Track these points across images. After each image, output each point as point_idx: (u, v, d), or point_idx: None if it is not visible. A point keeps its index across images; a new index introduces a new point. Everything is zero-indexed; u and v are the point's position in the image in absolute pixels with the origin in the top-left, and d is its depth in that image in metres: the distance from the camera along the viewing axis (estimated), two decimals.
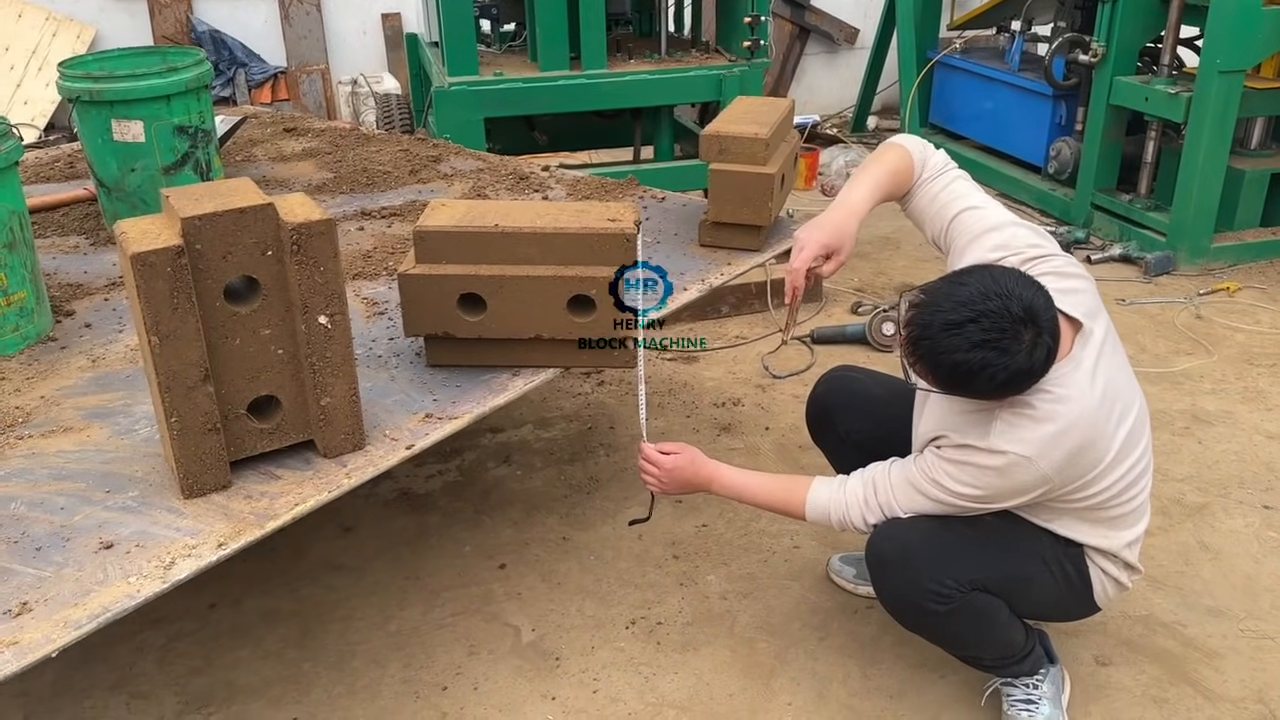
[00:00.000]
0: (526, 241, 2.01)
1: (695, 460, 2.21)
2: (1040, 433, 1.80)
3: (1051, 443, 1.80)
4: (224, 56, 6.13)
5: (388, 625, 2.51)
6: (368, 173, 3.29)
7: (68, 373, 2.11)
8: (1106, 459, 1.86)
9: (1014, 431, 1.82)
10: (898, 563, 1.98)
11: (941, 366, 1.75)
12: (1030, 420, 1.81)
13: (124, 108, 2.61)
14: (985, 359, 1.70)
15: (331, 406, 1.75)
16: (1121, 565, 2.03)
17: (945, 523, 1.97)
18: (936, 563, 1.94)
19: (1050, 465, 1.81)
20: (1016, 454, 1.81)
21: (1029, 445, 1.80)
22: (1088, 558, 2.01)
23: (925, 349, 1.75)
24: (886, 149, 2.18)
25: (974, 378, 1.72)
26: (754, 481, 2.21)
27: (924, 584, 1.93)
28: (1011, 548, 1.98)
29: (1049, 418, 1.80)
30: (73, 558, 1.56)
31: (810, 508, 2.10)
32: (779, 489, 2.17)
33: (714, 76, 4.20)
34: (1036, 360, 1.73)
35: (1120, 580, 2.04)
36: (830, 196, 5.69)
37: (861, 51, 7.04)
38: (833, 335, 3.95)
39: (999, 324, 1.69)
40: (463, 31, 4.00)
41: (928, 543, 1.95)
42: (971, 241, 2.02)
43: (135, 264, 1.52)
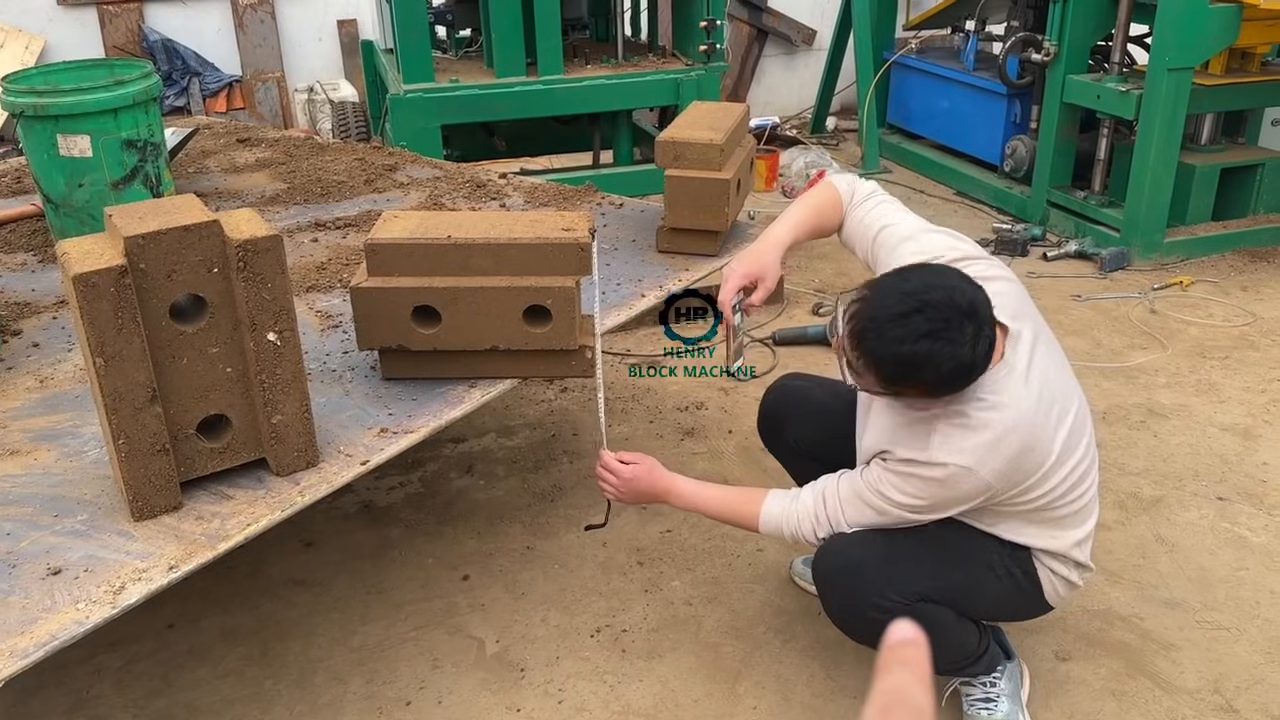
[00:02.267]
0: (480, 253, 2.00)
1: (653, 471, 2.20)
2: (978, 441, 1.81)
3: (990, 450, 1.81)
4: (177, 66, 6.06)
5: (350, 640, 2.48)
6: (322, 183, 3.26)
7: (14, 394, 2.07)
8: (1049, 461, 1.87)
9: (952, 442, 1.82)
10: (842, 578, 1.99)
11: (886, 360, 1.74)
12: (967, 430, 1.82)
13: (70, 122, 2.57)
14: (931, 349, 1.69)
15: (283, 424, 1.73)
16: (1071, 564, 2.05)
17: (889, 536, 1.98)
18: (880, 577, 1.94)
19: (991, 473, 1.82)
20: (957, 464, 1.82)
21: (968, 455, 1.81)
22: (1035, 559, 2.02)
23: (871, 341, 1.74)
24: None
25: (920, 369, 1.72)
26: (710, 494, 2.21)
27: (869, 598, 1.94)
28: (957, 556, 1.99)
29: (985, 425, 1.81)
30: (19, 585, 1.53)
31: (764, 521, 2.11)
32: (734, 502, 2.18)
33: (671, 80, 4.21)
34: (979, 354, 1.73)
35: (1070, 579, 2.06)
36: (791, 198, 5.71)
37: (819, 53, 7.08)
38: (794, 336, 3.97)
39: (944, 314, 1.69)
40: (417, 38, 3.98)
41: (871, 557, 1.96)
42: (891, 254, 2.05)
43: (78, 285, 1.49)
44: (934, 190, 5.75)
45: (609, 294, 2.47)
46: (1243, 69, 4.61)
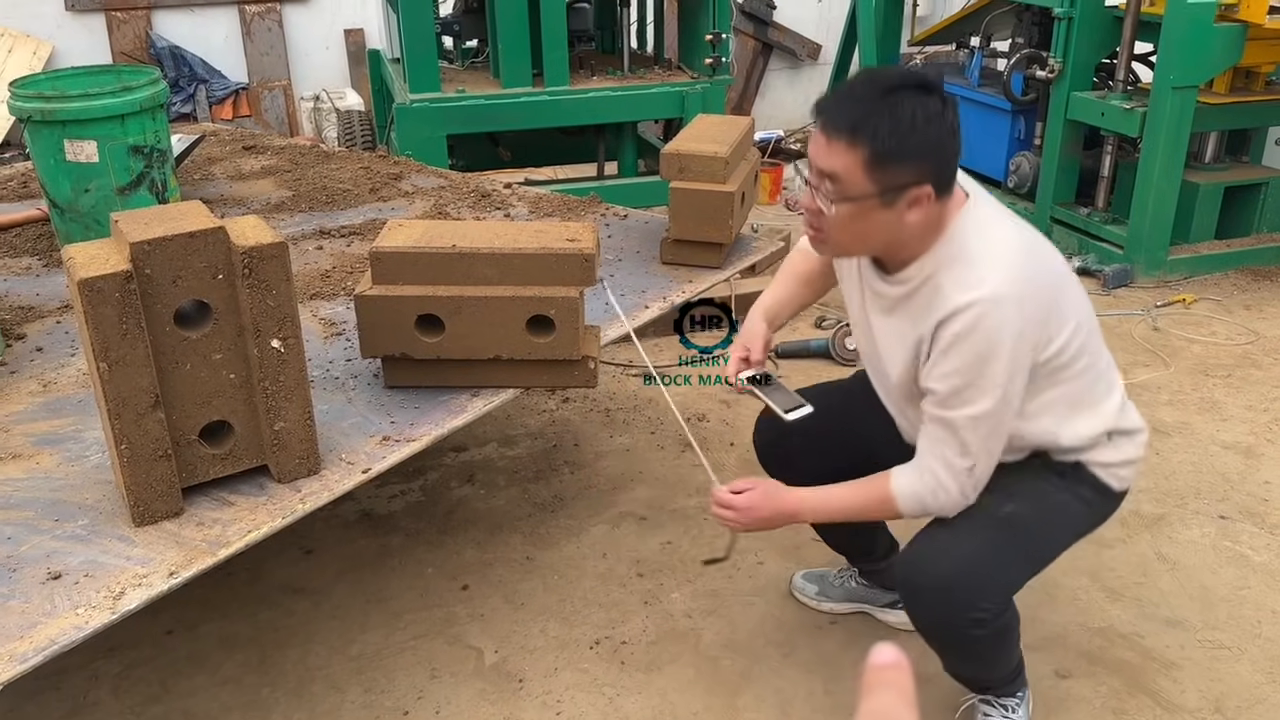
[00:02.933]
0: (484, 262, 2.01)
1: (772, 496, 2.01)
2: (986, 266, 1.72)
3: (1004, 269, 1.72)
4: (184, 73, 6.08)
5: (348, 649, 2.48)
6: (327, 190, 3.27)
7: (18, 398, 2.07)
8: (1064, 286, 1.83)
9: (963, 280, 1.72)
10: (933, 597, 1.91)
11: (844, 113, 1.66)
12: (970, 263, 1.73)
13: (77, 128, 2.58)
14: (905, 97, 1.63)
15: (285, 431, 1.73)
16: (1122, 439, 1.97)
17: (966, 535, 1.89)
18: (972, 588, 1.88)
19: (1017, 295, 1.71)
20: (979, 298, 1.69)
21: (986, 284, 1.70)
22: (1093, 470, 1.96)
23: (830, 106, 1.69)
24: (788, 256, 2.30)
25: (882, 115, 1.63)
26: (836, 496, 2.00)
27: (964, 615, 1.88)
28: (1027, 517, 1.92)
29: (985, 252, 1.73)
30: (19, 589, 1.52)
31: (904, 502, 1.90)
32: (863, 496, 1.96)
33: (676, 93, 4.22)
34: (949, 119, 1.67)
35: (1130, 457, 1.99)
36: (793, 211, 5.72)
37: (824, 67, 7.10)
38: (796, 350, 3.97)
39: (909, 77, 1.67)
40: (424, 48, 3.99)
41: (959, 569, 1.88)
42: None
43: (83, 290, 1.49)
44: None
45: (612, 305, 2.47)
46: (1247, 88, 4.62)
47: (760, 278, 4.39)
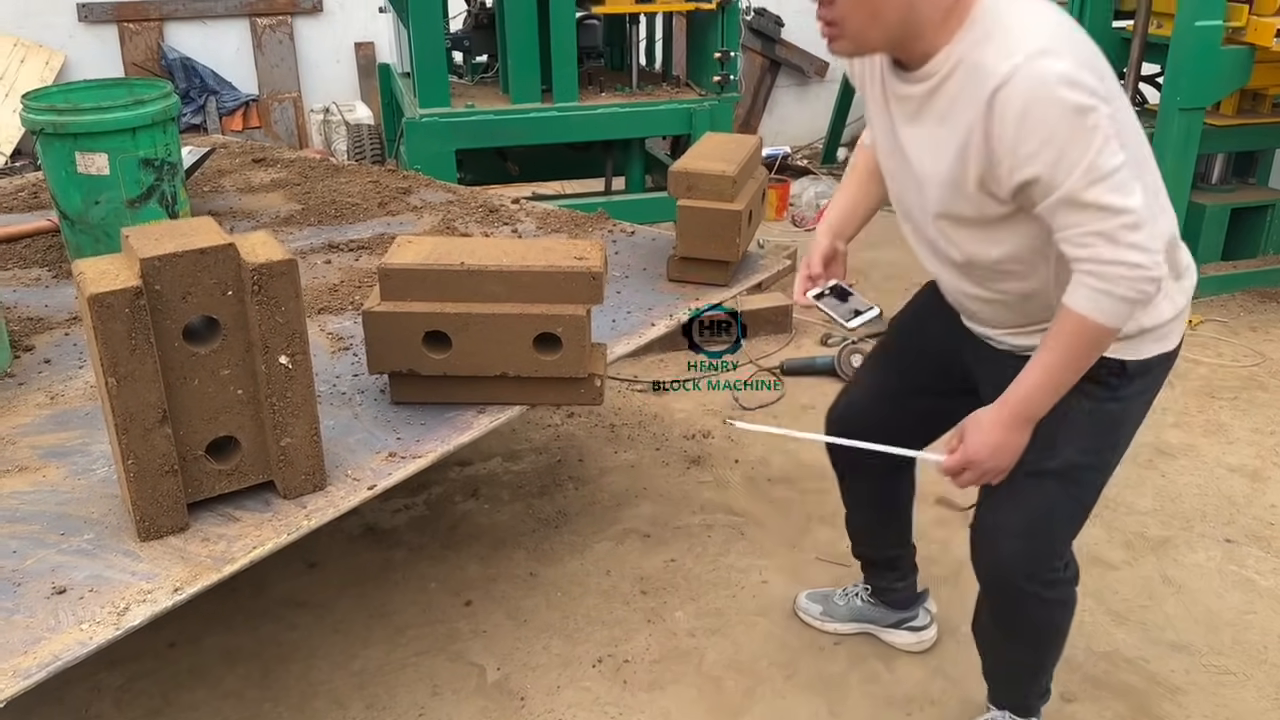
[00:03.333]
0: (492, 279, 2.01)
1: (985, 423, 1.77)
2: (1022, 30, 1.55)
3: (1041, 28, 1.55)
4: (195, 84, 6.11)
5: (351, 664, 2.48)
6: (336, 204, 3.28)
7: (25, 410, 2.08)
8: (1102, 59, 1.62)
9: (1000, 54, 1.54)
10: (1001, 587, 1.95)
11: None
12: (1002, 31, 1.56)
13: (88, 140, 2.60)
14: None
15: (292, 447, 1.73)
16: (1173, 283, 1.81)
17: (1034, 486, 1.84)
18: (1030, 561, 1.90)
19: (1065, 44, 1.54)
20: (1025, 55, 1.51)
21: (1027, 40, 1.53)
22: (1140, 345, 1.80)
23: None
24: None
25: None
26: (1042, 367, 1.71)
27: (1029, 593, 1.91)
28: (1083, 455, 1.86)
29: (1015, 25, 1.56)
30: (24, 603, 1.53)
31: (1096, 313, 1.62)
32: (1059, 346, 1.68)
33: (684, 110, 4.24)
34: None
35: (1178, 303, 1.83)
36: (800, 227, 5.73)
37: (831, 84, 7.12)
38: (802, 367, 3.97)
39: None
40: (434, 63, 4.01)
41: (1017, 546, 1.89)
42: None
43: (93, 305, 1.50)
44: None
45: (619, 322, 2.48)
46: (1254, 110, 4.63)
47: (767, 294, 4.39)
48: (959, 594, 2.73)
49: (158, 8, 6.04)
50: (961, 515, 3.06)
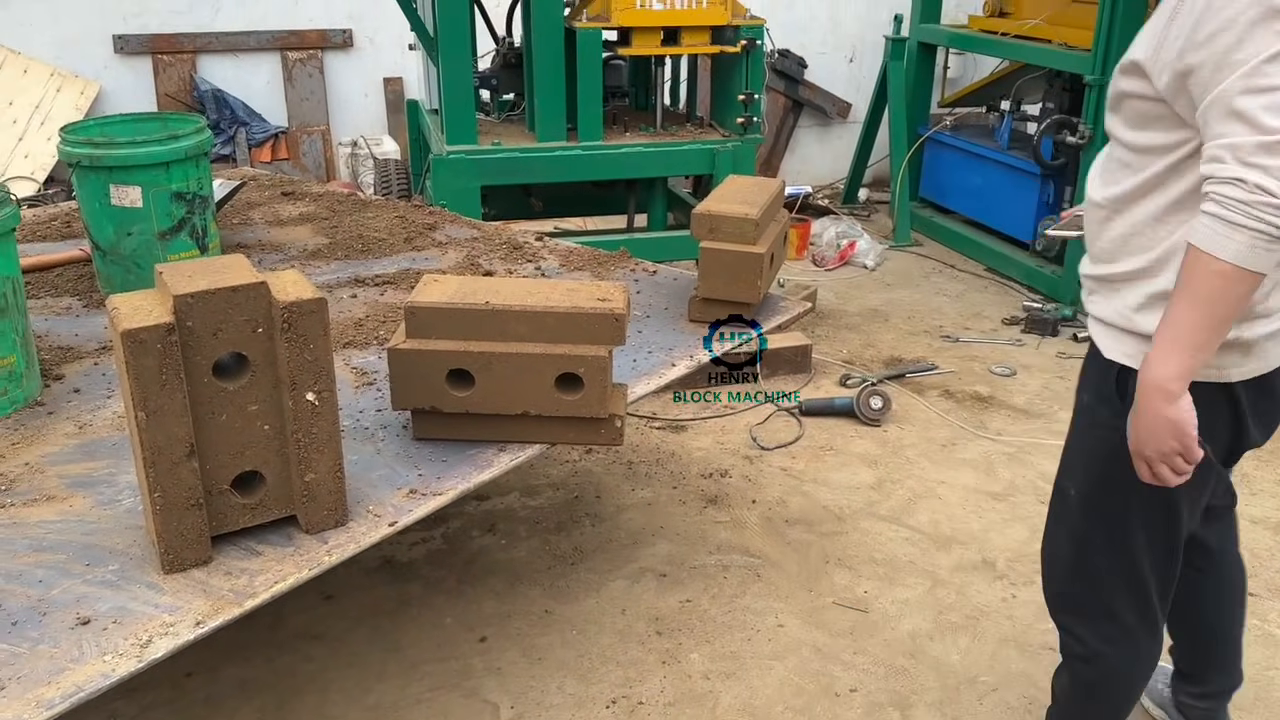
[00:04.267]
0: (516, 319, 2.03)
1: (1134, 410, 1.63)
2: None
3: None
4: (225, 115, 6.21)
5: (365, 698, 2.48)
6: (363, 239, 3.32)
7: (54, 439, 2.11)
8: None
9: None
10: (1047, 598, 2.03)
11: None
12: None
13: (123, 173, 2.64)
14: None
15: (315, 483, 1.75)
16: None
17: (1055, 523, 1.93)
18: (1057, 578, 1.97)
19: None
20: None
21: None
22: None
23: None
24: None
25: None
26: (1165, 321, 1.57)
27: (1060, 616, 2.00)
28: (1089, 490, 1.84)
29: None
30: (48, 633, 1.54)
31: (1215, 251, 1.48)
32: (1181, 292, 1.54)
33: (707, 150, 4.28)
34: None
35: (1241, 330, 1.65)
36: (820, 267, 5.75)
37: (854, 125, 7.17)
38: (821, 408, 3.97)
39: None
40: (462, 101, 4.07)
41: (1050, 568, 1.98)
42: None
43: (126, 340, 1.53)
44: (964, 265, 5.76)
45: (639, 362, 2.49)
46: None
47: (786, 334, 4.40)
48: (977, 643, 2.71)
49: (191, 40, 6.15)
50: (983, 562, 3.04)
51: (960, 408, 4.05)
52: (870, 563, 3.04)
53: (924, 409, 4.02)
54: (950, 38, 6.03)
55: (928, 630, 2.76)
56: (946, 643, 2.71)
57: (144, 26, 6.07)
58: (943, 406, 4.05)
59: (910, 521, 3.27)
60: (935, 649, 2.68)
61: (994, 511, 3.33)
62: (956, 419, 3.94)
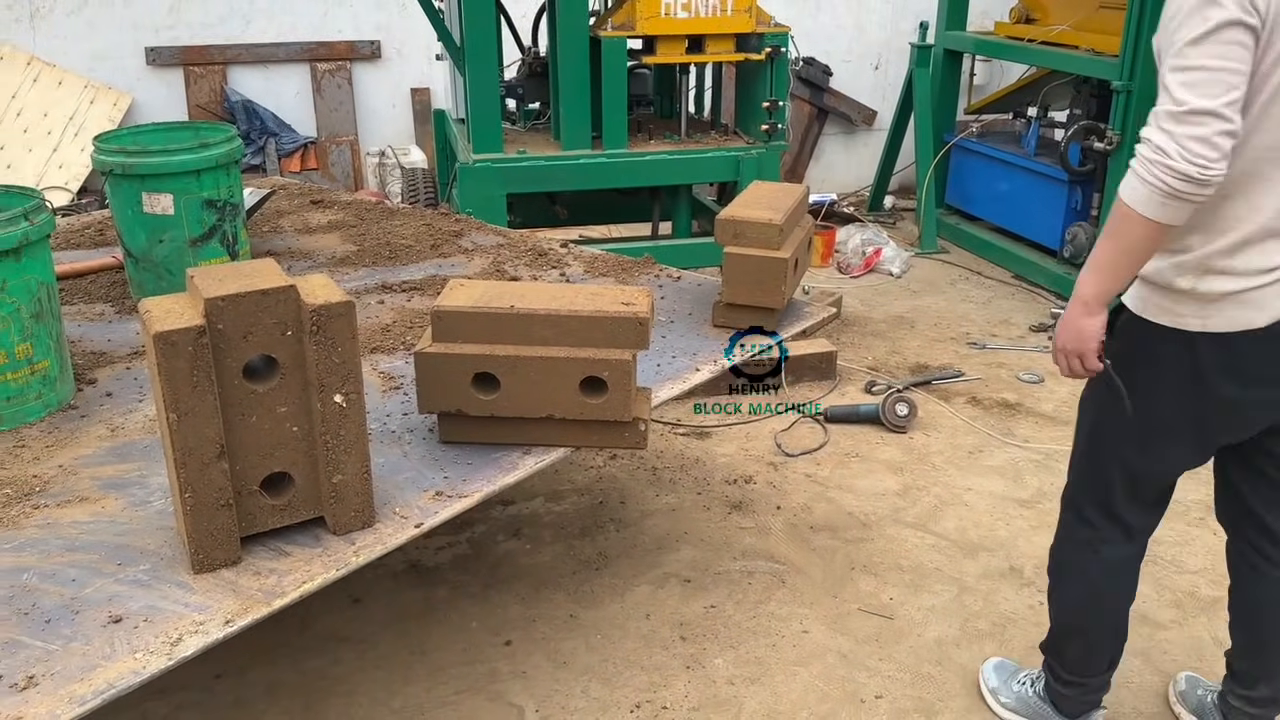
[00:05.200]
0: (541, 323, 2.05)
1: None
2: None
3: None
4: (255, 126, 6.29)
5: (391, 701, 2.49)
6: (390, 246, 3.36)
7: (87, 441, 2.14)
8: None
9: None
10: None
11: None
12: None
13: (155, 181, 2.69)
14: None
15: (343, 484, 1.77)
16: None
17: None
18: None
19: None
20: None
21: None
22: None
23: None
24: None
25: None
26: (1097, 250, 1.87)
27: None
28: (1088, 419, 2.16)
29: None
30: (81, 631, 1.57)
31: (1126, 197, 1.76)
32: (1106, 227, 1.84)
33: (732, 157, 4.29)
34: None
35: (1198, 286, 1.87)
36: (845, 274, 5.74)
37: (879, 133, 7.15)
38: (846, 415, 3.96)
39: None
40: (489, 110, 4.10)
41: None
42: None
43: (158, 343, 1.55)
44: (991, 272, 5.74)
45: (663, 366, 2.50)
46: None
47: (811, 340, 4.40)
48: (1005, 650, 2.69)
49: (222, 52, 6.24)
50: (1010, 570, 3.02)
51: (987, 414, 4.03)
52: (896, 569, 3.03)
53: (950, 416, 4.01)
54: (976, 44, 6.01)
55: (954, 637, 2.74)
56: (973, 650, 2.69)
57: (175, 39, 6.17)
58: (969, 413, 4.03)
59: (936, 528, 3.25)
60: (962, 656, 2.67)
61: (1021, 518, 3.31)
62: (983, 426, 3.92)
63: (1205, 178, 1.67)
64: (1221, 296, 1.86)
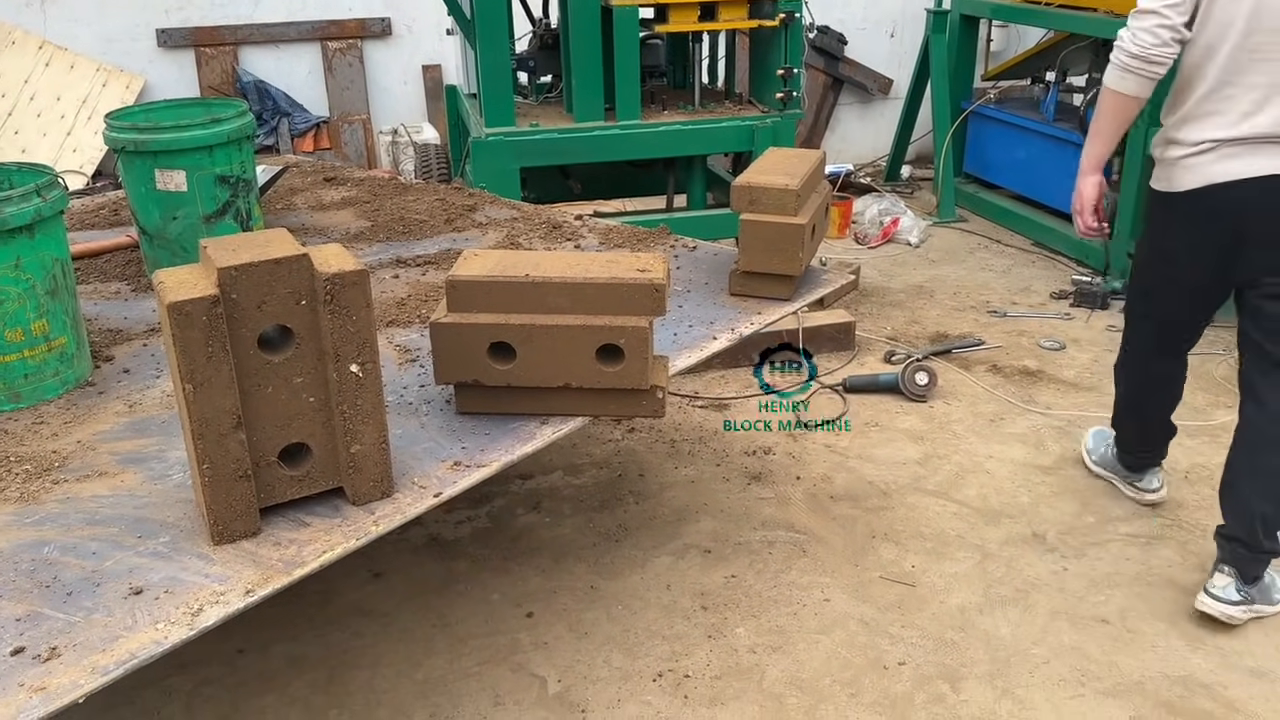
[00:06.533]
0: (556, 291, 2.03)
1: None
2: None
3: None
4: (268, 106, 6.28)
5: (414, 673, 2.50)
6: (404, 221, 3.34)
7: (105, 417, 2.15)
8: None
9: None
10: None
11: None
12: None
13: (167, 158, 2.68)
14: None
15: (361, 454, 1.76)
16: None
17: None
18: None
19: None
20: None
21: None
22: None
23: None
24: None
25: None
26: (1091, 122, 2.75)
27: None
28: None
29: None
30: (102, 603, 1.57)
31: (1105, 79, 2.60)
32: (1096, 108, 2.69)
33: (746, 127, 4.24)
34: None
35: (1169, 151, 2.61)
36: (863, 245, 5.70)
37: (895, 101, 7.08)
38: (865, 384, 3.93)
39: None
40: (500, 84, 4.07)
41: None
42: None
43: (172, 313, 1.55)
44: (1010, 240, 5.68)
45: (680, 335, 2.48)
46: None
47: (829, 311, 4.36)
48: (1028, 616, 2.67)
49: (233, 33, 6.22)
50: (1033, 536, 3.00)
51: (1008, 382, 3.99)
52: (917, 537, 3.01)
53: (971, 384, 3.97)
54: (993, 9, 5.92)
55: (977, 603, 2.72)
56: (996, 616, 2.68)
57: (186, 20, 6.15)
58: (990, 381, 3.99)
59: (958, 496, 3.23)
60: (985, 622, 2.65)
61: (1044, 485, 3.28)
62: (1004, 394, 3.89)
63: (1146, 55, 2.45)
64: (1174, 162, 2.58)
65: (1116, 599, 2.73)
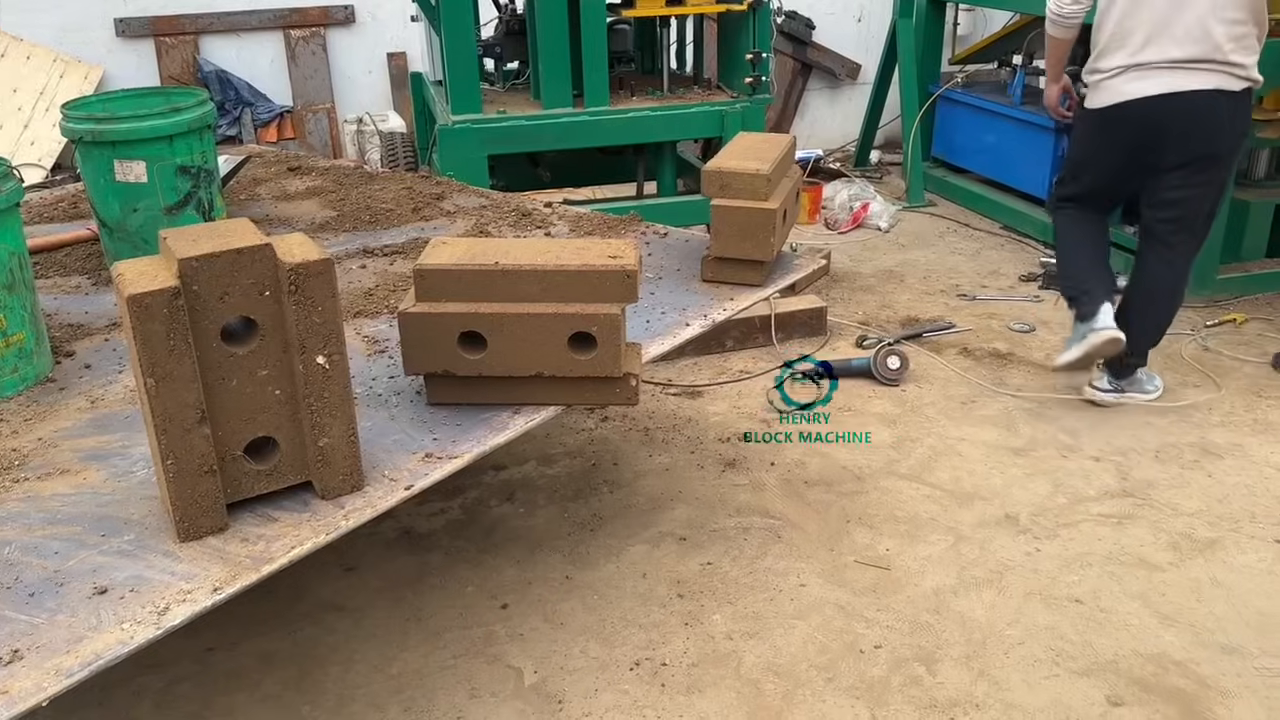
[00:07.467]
0: (527, 279, 2.00)
1: None
2: None
3: None
4: (230, 96, 6.18)
5: (388, 667, 2.47)
6: (371, 210, 3.30)
7: (66, 414, 2.10)
8: None
9: None
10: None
11: None
12: None
13: (126, 148, 2.62)
14: None
15: (329, 447, 1.73)
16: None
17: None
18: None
19: None
20: None
21: None
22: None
23: None
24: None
25: None
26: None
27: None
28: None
29: None
30: (66, 603, 1.53)
31: (1047, 28, 3.63)
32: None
33: (716, 112, 4.22)
34: None
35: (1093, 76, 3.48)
36: (833, 230, 5.70)
37: (864, 86, 7.08)
38: (839, 369, 3.93)
39: None
40: (466, 70, 4.02)
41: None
42: None
43: (132, 306, 1.51)
44: (979, 224, 5.70)
45: (653, 322, 2.47)
46: None
47: (801, 296, 4.36)
48: (1002, 598, 2.68)
49: (193, 21, 6.12)
50: (1006, 518, 3.02)
51: (979, 365, 4.01)
52: (891, 521, 3.02)
53: (942, 367, 3.98)
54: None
55: (951, 586, 2.73)
56: (971, 598, 2.68)
57: (145, 9, 6.04)
58: (961, 364, 4.00)
59: (931, 479, 3.24)
60: (959, 604, 2.66)
61: (1016, 467, 3.29)
62: (975, 376, 3.90)
63: (1063, 12, 3.48)
64: (1096, 85, 3.41)
65: (1089, 579, 2.75)
